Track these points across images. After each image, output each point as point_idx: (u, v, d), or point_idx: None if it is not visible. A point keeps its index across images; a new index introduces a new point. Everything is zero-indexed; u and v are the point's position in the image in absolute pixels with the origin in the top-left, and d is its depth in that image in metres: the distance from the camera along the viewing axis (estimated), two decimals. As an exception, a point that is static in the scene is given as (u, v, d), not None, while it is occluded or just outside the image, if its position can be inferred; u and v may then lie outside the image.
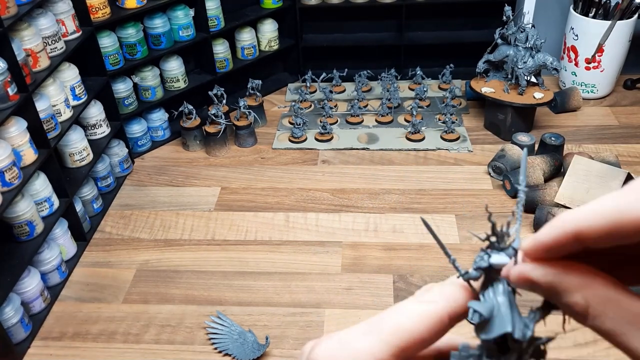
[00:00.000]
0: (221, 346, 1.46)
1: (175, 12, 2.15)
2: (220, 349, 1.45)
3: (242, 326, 1.50)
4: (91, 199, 1.90)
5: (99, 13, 1.92)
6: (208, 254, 1.77)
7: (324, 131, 2.26)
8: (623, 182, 1.80)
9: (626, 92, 2.51)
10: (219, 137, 2.18)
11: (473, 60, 2.39)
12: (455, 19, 2.62)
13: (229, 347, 1.45)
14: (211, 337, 1.49)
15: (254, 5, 2.50)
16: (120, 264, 1.75)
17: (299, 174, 2.10)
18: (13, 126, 1.50)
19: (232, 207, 1.96)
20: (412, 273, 1.66)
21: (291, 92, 2.65)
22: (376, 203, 1.94)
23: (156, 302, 1.61)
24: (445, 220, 1.84)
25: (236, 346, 1.45)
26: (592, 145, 2.16)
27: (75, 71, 1.82)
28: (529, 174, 1.90)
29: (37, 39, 1.61)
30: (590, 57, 2.34)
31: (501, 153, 2.00)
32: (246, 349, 1.44)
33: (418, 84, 2.56)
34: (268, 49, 2.54)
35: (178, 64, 2.23)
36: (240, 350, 1.44)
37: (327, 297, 1.60)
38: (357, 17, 2.63)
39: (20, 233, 1.55)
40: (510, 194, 1.93)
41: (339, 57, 2.73)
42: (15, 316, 1.45)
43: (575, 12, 2.34)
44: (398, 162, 2.14)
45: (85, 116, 1.92)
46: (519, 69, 2.15)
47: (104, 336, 1.52)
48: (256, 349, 1.44)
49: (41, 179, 1.62)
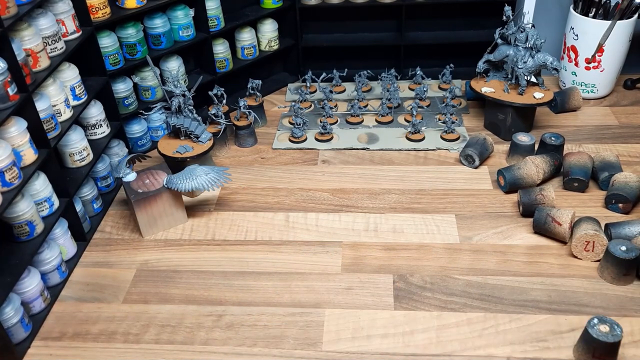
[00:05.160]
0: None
1: (175, 12, 2.15)
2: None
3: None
4: (91, 199, 1.90)
5: (99, 13, 1.92)
6: (208, 254, 1.77)
7: (324, 131, 2.26)
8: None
9: (626, 92, 2.51)
10: (219, 137, 2.18)
11: (473, 60, 2.40)
12: (455, 19, 2.62)
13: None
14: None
15: (254, 5, 2.50)
16: (120, 264, 1.75)
17: (299, 174, 2.10)
18: (13, 126, 1.50)
19: (232, 207, 1.96)
20: (412, 273, 1.66)
21: (291, 92, 2.65)
22: (376, 203, 1.94)
23: (156, 302, 1.62)
24: (445, 220, 1.84)
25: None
26: (592, 145, 2.17)
27: (75, 71, 1.82)
28: (522, 170, 1.90)
29: (37, 39, 1.61)
30: (590, 57, 2.34)
31: (471, 141, 2.09)
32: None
33: (418, 84, 2.56)
34: (268, 49, 2.54)
35: (178, 64, 2.23)
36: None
37: (327, 297, 1.60)
38: (357, 17, 2.64)
39: (20, 233, 1.55)
40: (504, 190, 1.94)
41: (339, 57, 2.73)
42: (15, 316, 1.45)
43: (575, 12, 2.34)
44: (398, 162, 2.14)
45: (85, 116, 1.92)
46: (519, 69, 2.15)
47: (104, 336, 1.52)
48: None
49: (41, 179, 1.62)
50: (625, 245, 1.56)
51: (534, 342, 1.44)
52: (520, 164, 1.93)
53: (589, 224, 1.66)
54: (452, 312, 1.53)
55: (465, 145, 2.09)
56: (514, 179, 1.91)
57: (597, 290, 1.57)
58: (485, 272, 1.65)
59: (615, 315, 1.49)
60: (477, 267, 1.66)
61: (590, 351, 1.34)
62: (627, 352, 1.39)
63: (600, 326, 1.33)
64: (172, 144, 2.08)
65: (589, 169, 1.93)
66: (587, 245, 1.64)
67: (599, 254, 1.64)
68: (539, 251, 1.71)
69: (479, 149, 2.05)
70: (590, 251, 1.64)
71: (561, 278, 1.61)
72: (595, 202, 1.88)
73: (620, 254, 1.54)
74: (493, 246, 1.73)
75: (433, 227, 1.82)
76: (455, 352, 1.42)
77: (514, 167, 1.93)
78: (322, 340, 1.47)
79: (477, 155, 2.04)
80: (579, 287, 1.58)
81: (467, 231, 1.79)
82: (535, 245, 1.73)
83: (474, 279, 1.63)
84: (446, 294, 1.58)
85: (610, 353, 1.34)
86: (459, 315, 1.52)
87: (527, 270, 1.64)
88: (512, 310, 1.52)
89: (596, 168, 1.95)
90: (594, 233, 1.62)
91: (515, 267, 1.66)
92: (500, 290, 1.59)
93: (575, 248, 1.66)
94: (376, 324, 1.51)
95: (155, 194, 1.80)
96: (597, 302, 1.54)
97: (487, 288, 1.60)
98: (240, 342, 1.48)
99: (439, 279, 1.64)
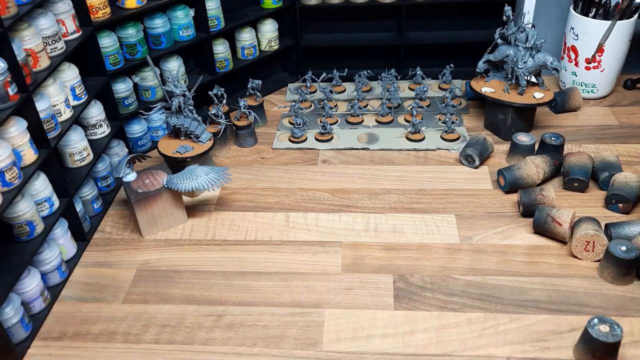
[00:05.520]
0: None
1: (175, 12, 2.15)
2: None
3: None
4: (91, 199, 1.90)
5: (99, 13, 1.92)
6: (208, 254, 1.77)
7: (324, 131, 2.26)
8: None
9: (626, 92, 2.51)
10: (219, 137, 2.18)
11: (473, 60, 2.40)
12: (455, 19, 2.62)
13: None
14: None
15: (254, 5, 2.50)
16: (120, 264, 1.75)
17: (299, 174, 2.10)
18: (13, 126, 1.50)
19: (232, 207, 1.96)
20: (412, 273, 1.66)
21: (291, 92, 2.65)
22: (376, 203, 1.94)
23: (156, 302, 1.62)
24: (445, 220, 1.84)
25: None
26: (592, 145, 2.17)
27: (75, 71, 1.82)
28: (522, 170, 1.90)
29: (37, 39, 1.61)
30: (590, 57, 2.34)
31: (471, 141, 2.09)
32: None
33: (418, 84, 2.56)
34: (268, 49, 2.54)
35: (178, 64, 2.23)
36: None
37: (327, 297, 1.60)
38: (357, 17, 2.64)
39: (20, 233, 1.55)
40: (504, 190, 1.94)
41: (339, 57, 2.73)
42: (16, 316, 1.45)
43: (575, 12, 2.34)
44: (398, 162, 2.14)
45: (86, 116, 1.92)
46: (519, 69, 2.15)
47: (104, 336, 1.52)
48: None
49: (41, 179, 1.62)
50: (625, 245, 1.56)
51: (534, 342, 1.44)
52: (520, 164, 1.93)
53: (589, 224, 1.66)
54: (452, 312, 1.53)
55: (465, 145, 2.09)
56: (514, 179, 1.91)
57: (597, 290, 1.57)
58: (485, 272, 1.65)
59: (615, 315, 1.49)
60: (477, 267, 1.66)
61: (591, 351, 1.34)
62: (627, 352, 1.39)
63: (600, 326, 1.33)
64: (172, 144, 2.08)
65: (589, 169, 1.93)
66: (587, 245, 1.64)
67: (599, 254, 1.64)
68: (539, 251, 1.71)
69: (479, 149, 2.05)
70: (590, 251, 1.64)
71: (561, 278, 1.61)
72: (595, 202, 1.88)
73: (620, 254, 1.54)
74: (493, 246, 1.73)
75: (433, 227, 1.82)
76: (455, 352, 1.42)
77: (514, 167, 1.93)
78: (322, 340, 1.47)
79: (477, 155, 2.04)
80: (579, 287, 1.58)
81: (467, 231, 1.79)
82: (535, 245, 1.73)
83: (474, 279, 1.63)
84: (446, 294, 1.58)
85: (610, 353, 1.34)
86: (459, 315, 1.52)
87: (527, 270, 1.64)
88: (512, 310, 1.52)
89: (596, 168, 1.95)
90: (594, 233, 1.62)
91: (515, 267, 1.66)
92: (500, 290, 1.59)
93: (576, 248, 1.65)
94: (376, 324, 1.51)
95: (155, 194, 1.80)
96: (597, 302, 1.54)
97: (487, 288, 1.60)
98: (240, 342, 1.48)
99: (439, 279, 1.64)
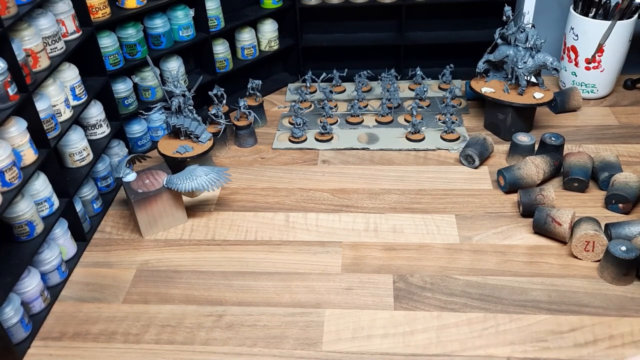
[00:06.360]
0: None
1: (175, 12, 2.15)
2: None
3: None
4: (91, 199, 1.90)
5: (99, 13, 1.92)
6: (208, 254, 1.77)
7: (324, 131, 2.26)
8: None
9: (626, 92, 2.51)
10: (219, 137, 2.18)
11: (473, 60, 2.40)
12: (455, 19, 2.62)
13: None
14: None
15: (254, 5, 2.50)
16: (120, 264, 1.75)
17: (299, 174, 2.10)
18: (13, 126, 1.50)
19: (232, 207, 1.96)
20: (412, 273, 1.66)
21: (291, 92, 2.65)
22: (376, 203, 1.94)
23: (156, 302, 1.62)
24: (445, 220, 1.84)
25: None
26: (592, 145, 2.17)
27: (75, 71, 1.82)
28: (522, 170, 1.90)
29: (37, 39, 1.61)
30: (590, 57, 2.34)
31: (470, 141, 2.09)
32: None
33: (418, 84, 2.56)
34: (268, 49, 2.54)
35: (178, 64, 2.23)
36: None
37: (327, 297, 1.60)
38: (357, 17, 2.64)
39: (20, 233, 1.55)
40: (504, 190, 1.94)
41: (339, 57, 2.73)
42: (15, 316, 1.45)
43: (575, 12, 2.34)
44: (398, 162, 2.14)
45: (85, 116, 1.92)
46: (519, 69, 2.15)
47: (104, 336, 1.52)
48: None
49: (41, 179, 1.62)
50: (625, 245, 1.56)
51: (534, 342, 1.44)
52: (520, 164, 1.93)
53: (589, 224, 1.66)
54: (452, 312, 1.53)
55: (465, 145, 2.09)
56: (514, 179, 1.91)
57: (597, 290, 1.57)
58: (485, 272, 1.65)
59: (615, 315, 1.49)
60: (477, 267, 1.66)
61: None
62: (627, 352, 1.39)
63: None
64: (172, 144, 2.08)
65: (589, 169, 1.93)
66: (587, 246, 1.64)
67: (599, 254, 1.64)
68: (539, 251, 1.71)
69: (479, 149, 2.05)
70: (590, 251, 1.64)
71: (561, 278, 1.61)
72: (595, 202, 1.88)
73: (620, 254, 1.54)
74: (493, 246, 1.73)
75: (433, 227, 1.82)
76: (455, 352, 1.42)
77: (514, 167, 1.93)
78: (322, 340, 1.47)
79: (477, 155, 2.04)
80: (579, 287, 1.58)
81: (467, 231, 1.79)
82: (535, 245, 1.73)
83: (474, 279, 1.63)
84: (446, 294, 1.58)
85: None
86: (459, 316, 1.52)
87: (527, 271, 1.64)
88: (512, 311, 1.52)
89: (596, 168, 1.95)
90: (594, 233, 1.62)
91: (515, 267, 1.66)
92: (500, 290, 1.59)
93: (575, 248, 1.65)
94: (376, 324, 1.51)
95: (155, 194, 1.80)
96: (597, 302, 1.54)
97: (487, 288, 1.60)
98: (240, 342, 1.48)
99: (439, 279, 1.64)
